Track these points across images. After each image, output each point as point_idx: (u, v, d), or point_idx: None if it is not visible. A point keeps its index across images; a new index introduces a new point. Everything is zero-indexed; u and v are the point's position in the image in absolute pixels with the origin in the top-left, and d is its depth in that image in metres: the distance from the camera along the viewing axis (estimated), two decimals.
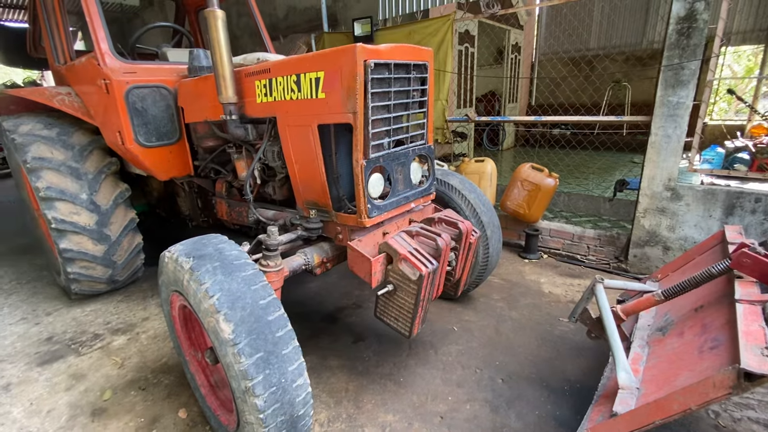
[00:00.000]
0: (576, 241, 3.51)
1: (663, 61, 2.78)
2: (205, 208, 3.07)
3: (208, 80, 2.20)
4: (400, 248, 1.72)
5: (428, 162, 2.08)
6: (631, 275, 3.14)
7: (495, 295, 2.91)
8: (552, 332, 2.45)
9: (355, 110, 1.57)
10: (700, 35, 2.63)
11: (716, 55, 2.74)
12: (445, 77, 4.34)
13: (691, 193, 2.86)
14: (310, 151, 1.80)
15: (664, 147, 2.88)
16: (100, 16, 2.41)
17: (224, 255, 1.46)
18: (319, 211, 1.95)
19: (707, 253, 1.98)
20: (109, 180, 2.79)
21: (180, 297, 1.57)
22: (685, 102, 2.75)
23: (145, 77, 2.45)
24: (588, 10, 8.61)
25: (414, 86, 1.85)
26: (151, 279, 3.31)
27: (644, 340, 1.72)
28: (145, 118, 2.47)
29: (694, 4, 2.61)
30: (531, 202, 3.50)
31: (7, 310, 2.94)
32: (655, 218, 3.03)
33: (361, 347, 2.36)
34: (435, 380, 2.08)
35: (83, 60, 2.60)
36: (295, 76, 1.73)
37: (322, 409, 1.92)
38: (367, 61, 1.54)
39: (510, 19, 7.60)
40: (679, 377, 1.30)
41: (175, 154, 2.64)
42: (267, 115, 1.97)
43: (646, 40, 8.41)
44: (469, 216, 2.42)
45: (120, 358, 2.35)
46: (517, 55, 8.17)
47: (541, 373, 2.11)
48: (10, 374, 2.24)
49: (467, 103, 6.90)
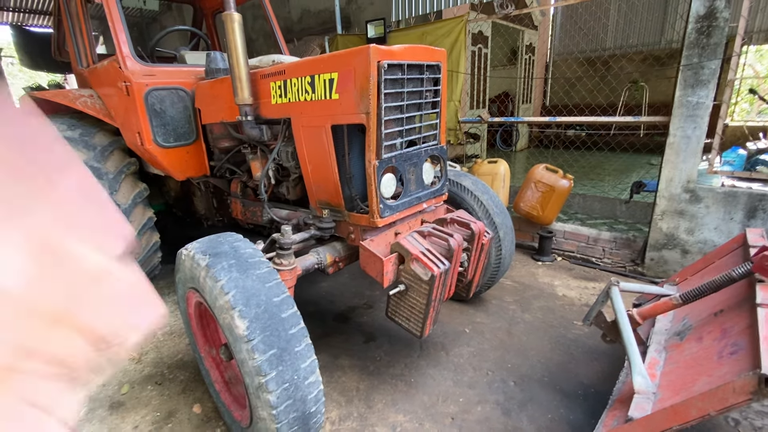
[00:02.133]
0: (591, 243, 3.45)
1: (682, 61, 2.72)
2: (221, 208, 3.12)
3: (224, 82, 2.24)
4: (412, 248, 1.72)
5: (441, 162, 2.08)
6: (648, 279, 3.07)
7: (507, 298, 2.88)
8: (566, 335, 2.42)
9: (368, 111, 1.58)
10: (720, 34, 2.56)
11: (737, 54, 2.67)
12: (458, 78, 4.33)
13: (711, 195, 2.79)
14: (324, 151, 1.82)
15: (683, 148, 2.82)
16: (122, 21, 2.48)
17: (239, 253, 1.49)
18: (332, 210, 1.97)
19: (728, 256, 1.93)
20: (129, 180, 2.87)
21: (196, 294, 1.60)
22: (705, 102, 2.68)
23: (163, 79, 2.51)
24: (604, 9, 8.47)
25: (427, 87, 1.85)
26: (167, 277, 3.38)
27: (661, 344, 1.69)
28: (164, 119, 2.53)
29: (714, 2, 2.55)
30: (545, 204, 3.46)
31: None
32: (674, 221, 2.96)
33: (372, 347, 2.37)
34: (446, 381, 2.07)
35: (105, 63, 2.68)
36: (310, 78, 1.76)
37: (333, 407, 1.93)
38: (381, 62, 1.55)
39: (524, 20, 7.52)
40: (698, 382, 1.27)
41: (192, 154, 2.70)
42: (281, 116, 2.00)
43: (665, 39, 8.23)
44: (482, 217, 2.41)
45: (137, 353, 2.40)
46: (531, 55, 8.09)
47: (553, 376, 2.09)
48: None
49: (480, 104, 6.86)
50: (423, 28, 4.53)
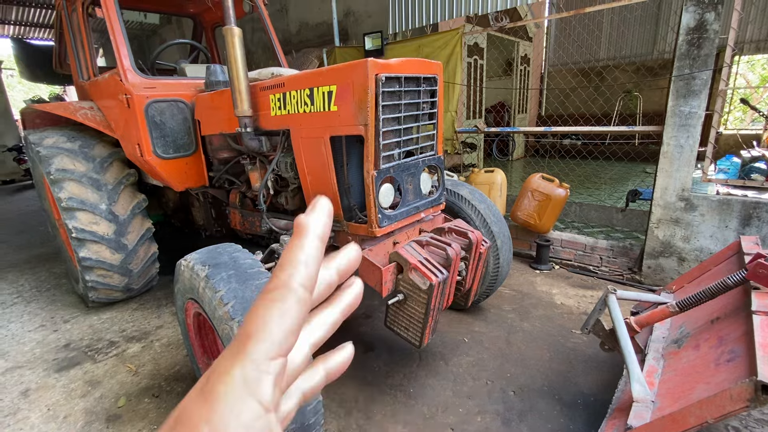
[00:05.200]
0: (588, 251, 3.47)
1: (674, 72, 2.78)
2: (219, 218, 3.13)
3: (224, 94, 2.27)
4: (410, 257, 1.73)
5: (438, 172, 2.10)
6: (645, 287, 3.09)
7: (506, 306, 2.88)
8: (564, 344, 2.42)
9: (367, 122, 1.61)
10: (710, 45, 2.62)
11: (728, 65, 2.72)
12: (455, 89, 4.39)
13: (706, 204, 2.82)
14: (322, 162, 1.84)
15: (677, 157, 2.86)
16: (123, 34, 2.52)
17: (239, 263, 1.49)
18: None
19: (723, 263, 1.95)
20: (128, 191, 2.88)
21: (195, 304, 1.60)
22: (697, 112, 2.73)
23: (164, 92, 2.54)
24: (597, 22, 8.64)
25: (424, 98, 1.88)
26: (165, 287, 3.37)
27: (659, 352, 1.70)
28: (164, 130, 2.55)
29: (704, 15, 2.61)
30: (542, 213, 3.48)
31: (27, 317, 3.02)
32: (669, 229, 2.99)
33: (372, 357, 2.36)
34: (445, 392, 2.06)
35: (106, 76, 2.71)
36: (309, 90, 1.79)
37: (332, 419, 1.91)
38: (378, 74, 1.58)
39: (519, 32, 7.66)
40: (695, 390, 1.27)
41: (191, 165, 2.72)
42: (281, 128, 2.03)
43: (657, 50, 8.39)
44: (479, 226, 2.43)
45: (134, 365, 2.39)
46: (527, 66, 8.22)
47: (553, 385, 2.08)
48: (29, 380, 2.29)
49: (476, 114, 6.94)
50: (420, 40, 4.60)
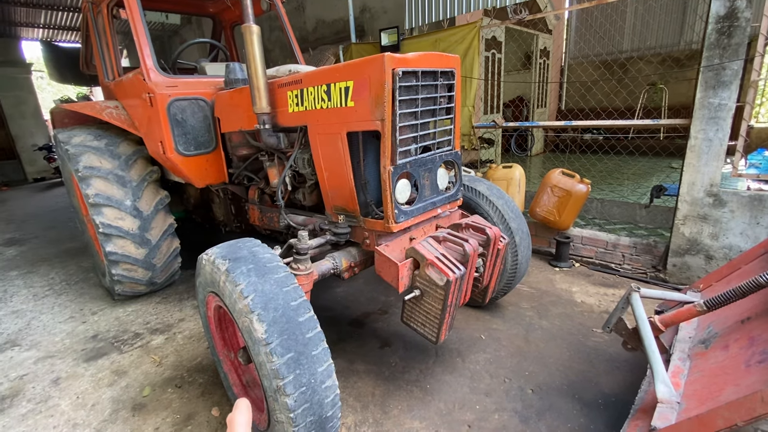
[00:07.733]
0: (610, 249, 3.38)
1: (702, 62, 2.67)
2: (239, 214, 3.19)
3: (243, 92, 2.31)
4: (427, 253, 1.72)
5: (455, 168, 2.08)
6: (670, 285, 2.99)
7: (524, 304, 2.84)
8: (585, 343, 2.37)
9: (383, 117, 1.61)
10: (741, 34, 2.51)
11: (761, 54, 2.60)
12: (472, 84, 4.33)
13: (736, 199, 2.71)
14: (339, 158, 1.85)
15: (705, 151, 2.75)
16: (146, 35, 2.58)
17: (258, 258, 1.52)
18: (348, 216, 1.99)
19: (754, 262, 1.87)
20: (151, 187, 2.96)
21: (216, 298, 1.64)
22: (727, 104, 2.62)
23: (185, 90, 2.60)
24: (620, 11, 8.36)
25: (441, 93, 1.86)
26: (186, 282, 3.46)
27: (685, 352, 1.64)
28: (185, 128, 2.61)
29: (734, 2, 2.50)
30: (561, 209, 3.41)
31: (57, 309, 3.15)
32: (696, 225, 2.88)
33: (388, 353, 2.37)
34: (462, 388, 2.06)
35: (130, 76, 2.79)
36: (326, 86, 1.79)
37: (349, 412, 1.93)
38: (395, 69, 1.57)
39: (538, 24, 7.49)
40: (724, 392, 1.23)
41: (211, 162, 2.77)
42: (298, 124, 2.04)
43: (684, 40, 8.06)
44: (497, 222, 2.40)
45: (158, 356, 2.46)
46: (546, 59, 8.04)
47: (573, 384, 2.04)
48: (60, 369, 2.40)
49: (494, 109, 6.84)
50: (436, 35, 4.55)
